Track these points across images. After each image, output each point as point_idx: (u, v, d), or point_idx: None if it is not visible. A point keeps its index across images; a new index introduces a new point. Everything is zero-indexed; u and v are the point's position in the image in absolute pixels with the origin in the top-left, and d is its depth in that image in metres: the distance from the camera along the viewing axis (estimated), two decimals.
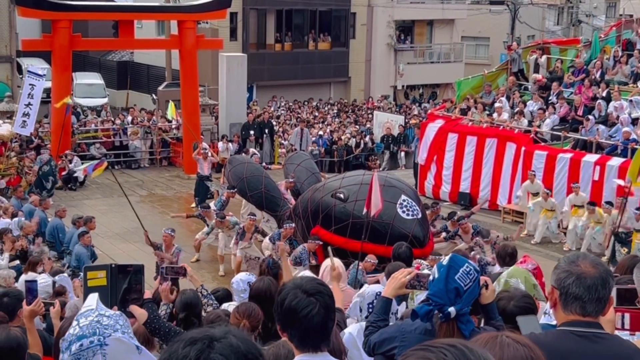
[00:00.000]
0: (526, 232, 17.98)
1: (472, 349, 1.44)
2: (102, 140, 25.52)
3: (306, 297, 2.90)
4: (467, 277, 3.46)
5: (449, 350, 1.41)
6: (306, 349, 2.91)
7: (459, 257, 3.54)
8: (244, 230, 14.71)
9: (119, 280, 2.94)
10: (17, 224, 14.63)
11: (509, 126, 20.32)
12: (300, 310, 2.88)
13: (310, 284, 2.97)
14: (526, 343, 2.03)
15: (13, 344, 4.55)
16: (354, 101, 38.02)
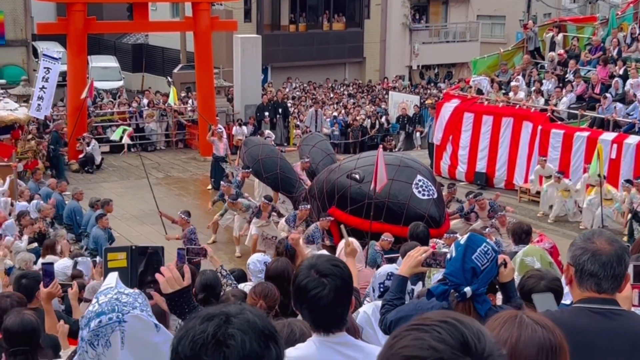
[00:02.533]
0: (542, 213, 17.92)
1: (463, 321, 1.44)
2: (118, 123, 25.58)
3: (318, 277, 2.88)
4: (485, 257, 3.45)
5: (441, 327, 1.41)
6: (318, 330, 2.92)
7: (477, 237, 3.53)
8: (259, 209, 14.79)
9: (139, 262, 2.97)
10: (35, 207, 14.75)
11: (525, 105, 20.19)
12: (310, 290, 2.87)
13: (324, 264, 2.94)
14: (546, 324, 2.02)
15: (27, 328, 4.58)
16: (369, 82, 37.88)
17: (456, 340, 1.39)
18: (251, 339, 1.76)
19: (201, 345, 1.75)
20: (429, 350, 1.36)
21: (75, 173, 22.08)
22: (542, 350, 1.95)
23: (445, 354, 1.36)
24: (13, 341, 4.57)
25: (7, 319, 4.68)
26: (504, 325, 2.02)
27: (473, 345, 1.39)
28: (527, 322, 2.01)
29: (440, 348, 1.37)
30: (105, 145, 24.40)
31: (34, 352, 4.56)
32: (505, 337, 1.98)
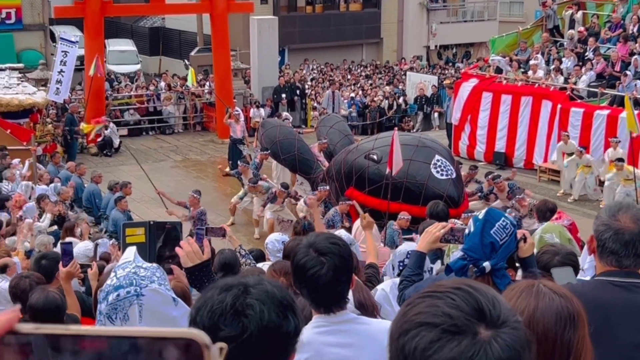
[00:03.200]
0: (563, 191, 17.81)
1: (478, 288, 1.42)
2: (136, 107, 25.68)
3: (316, 256, 2.84)
4: (504, 232, 3.41)
5: (455, 293, 1.39)
6: (318, 309, 2.89)
7: (496, 211, 3.49)
8: (275, 195, 14.82)
9: (158, 237, 2.97)
10: (54, 190, 14.84)
11: (545, 84, 20.03)
12: (308, 269, 2.82)
13: (323, 242, 2.89)
14: (563, 293, 2.00)
15: (52, 305, 4.61)
16: (387, 62, 37.70)
17: (470, 306, 1.37)
18: (270, 309, 1.75)
19: (219, 315, 1.74)
20: (443, 316, 1.35)
21: (94, 156, 22.19)
22: (560, 319, 1.93)
23: (459, 320, 1.34)
24: (38, 318, 4.60)
25: (32, 296, 4.71)
26: (521, 295, 2.00)
27: (488, 311, 1.37)
28: (544, 291, 1.99)
29: (454, 314, 1.35)
30: (123, 129, 24.50)
31: None
32: (523, 307, 1.97)
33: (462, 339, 1.32)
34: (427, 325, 1.34)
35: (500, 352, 1.33)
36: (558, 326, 1.93)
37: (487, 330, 1.35)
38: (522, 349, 1.38)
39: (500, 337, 1.35)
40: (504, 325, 1.37)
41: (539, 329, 1.93)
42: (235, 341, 1.72)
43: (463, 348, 1.31)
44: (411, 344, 1.34)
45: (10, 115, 18.97)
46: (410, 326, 1.35)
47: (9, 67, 22.72)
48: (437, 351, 1.31)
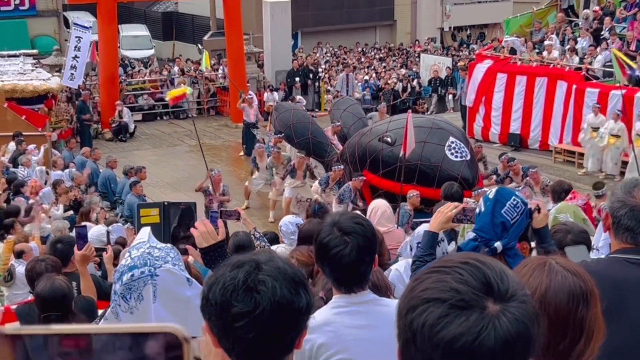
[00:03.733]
0: (585, 171, 17.70)
1: (485, 262, 1.41)
2: (150, 92, 25.73)
3: (340, 235, 2.82)
4: (514, 211, 3.40)
5: (463, 268, 1.38)
6: (339, 289, 2.88)
7: (506, 190, 3.48)
8: (294, 167, 14.82)
9: (172, 218, 2.98)
10: (69, 175, 14.93)
11: (560, 64, 19.87)
12: (332, 248, 2.81)
13: (347, 222, 2.88)
14: (576, 271, 1.98)
15: (57, 294, 4.60)
16: (400, 45, 37.51)
17: (478, 281, 1.36)
18: (281, 285, 1.76)
19: (232, 291, 1.75)
20: (451, 291, 1.34)
21: (109, 142, 22.28)
22: (572, 297, 1.92)
23: (467, 295, 1.34)
24: (45, 307, 4.61)
25: (38, 285, 4.72)
26: (533, 273, 1.99)
27: (496, 285, 1.36)
28: (556, 269, 1.97)
29: (461, 289, 1.34)
30: (138, 114, 24.57)
31: (66, 317, 4.59)
32: (535, 285, 1.96)
33: (470, 314, 1.32)
34: (435, 301, 1.33)
35: (509, 326, 1.33)
36: (571, 304, 1.92)
37: (496, 305, 1.34)
38: (531, 322, 1.37)
39: (508, 311, 1.34)
40: (512, 299, 1.36)
41: (551, 307, 1.92)
42: (247, 317, 1.73)
43: (471, 323, 1.31)
44: (419, 320, 1.33)
45: (25, 101, 19.08)
46: (418, 302, 1.35)
47: (23, 53, 22.81)
48: (445, 327, 1.31)
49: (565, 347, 1.90)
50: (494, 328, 1.31)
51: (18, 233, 10.15)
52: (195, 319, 2.09)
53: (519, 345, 1.34)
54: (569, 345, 1.90)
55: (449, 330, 1.30)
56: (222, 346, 1.80)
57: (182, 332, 0.88)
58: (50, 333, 0.88)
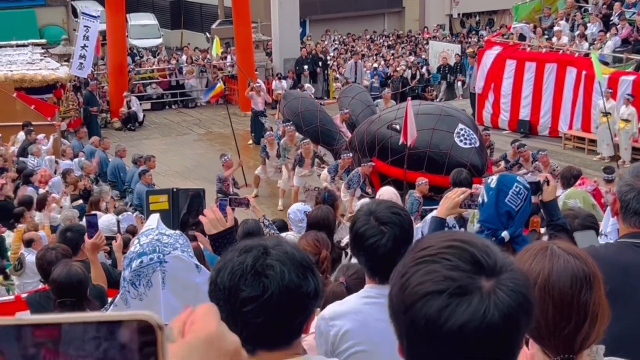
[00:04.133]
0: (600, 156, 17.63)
1: (468, 240, 1.39)
2: (158, 80, 25.74)
3: (377, 225, 2.80)
4: (518, 198, 3.38)
5: (449, 252, 1.36)
6: (373, 278, 2.85)
7: (507, 178, 3.45)
8: (301, 156, 14.81)
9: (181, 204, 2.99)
10: (78, 164, 14.97)
11: (569, 50, 19.77)
12: (367, 238, 2.78)
13: (384, 212, 2.84)
14: (578, 255, 1.98)
15: (74, 280, 4.63)
16: (409, 32, 37.36)
17: (467, 262, 1.35)
18: (289, 269, 1.77)
19: (240, 276, 1.76)
20: (445, 281, 1.32)
21: (117, 131, 22.32)
22: (575, 281, 1.92)
23: (462, 280, 1.32)
24: (61, 292, 4.64)
25: (55, 270, 4.75)
26: (535, 258, 1.98)
27: (484, 262, 1.36)
28: (558, 253, 1.97)
29: (455, 276, 1.33)
30: (147, 103, 24.59)
31: (81, 303, 4.63)
32: (537, 270, 1.96)
33: (470, 298, 1.31)
34: (432, 294, 1.32)
35: (507, 299, 1.33)
36: (574, 288, 1.92)
37: (489, 281, 1.34)
38: (527, 289, 1.38)
39: (502, 284, 1.34)
40: (502, 271, 1.36)
41: (555, 291, 1.92)
42: (255, 301, 1.74)
43: (474, 307, 1.30)
44: (421, 315, 1.32)
45: (33, 91, 19.13)
46: (415, 298, 1.33)
47: (31, 43, 22.86)
48: (449, 318, 1.30)
49: (570, 331, 1.90)
50: (496, 305, 1.31)
51: (28, 222, 10.20)
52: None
53: (521, 314, 1.34)
54: (574, 328, 1.90)
55: (455, 320, 1.30)
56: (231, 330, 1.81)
57: (156, 320, 0.88)
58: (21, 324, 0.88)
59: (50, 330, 0.88)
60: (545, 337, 1.94)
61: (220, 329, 1.10)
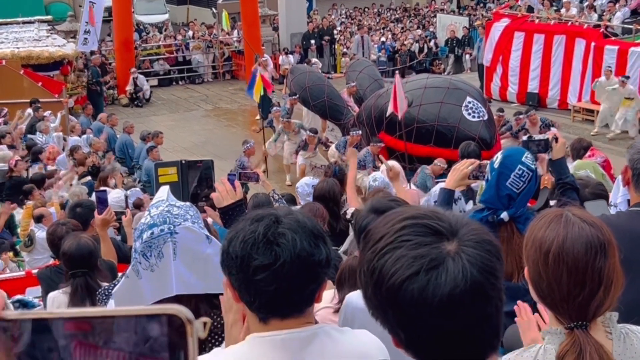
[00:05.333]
0: (597, 130, 17.56)
1: (416, 214, 1.37)
2: (165, 57, 25.68)
3: (377, 217, 2.82)
4: (520, 181, 3.34)
5: (406, 233, 1.34)
6: None
7: (511, 159, 3.39)
8: (306, 142, 14.83)
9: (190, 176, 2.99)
10: (87, 141, 14.99)
11: (578, 21, 19.60)
12: None
13: (382, 202, 2.90)
14: (593, 222, 1.98)
15: (84, 251, 4.68)
16: (416, 5, 37.12)
17: (427, 235, 1.35)
18: (301, 237, 1.77)
19: (252, 244, 1.76)
20: (416, 260, 1.32)
21: (125, 107, 22.32)
22: (590, 248, 1.92)
23: (430, 254, 1.32)
24: (72, 264, 4.69)
25: (65, 243, 4.79)
26: (550, 225, 1.98)
27: (441, 227, 1.36)
28: (573, 220, 1.97)
29: (423, 252, 1.32)
30: (153, 79, 24.56)
31: (92, 274, 4.68)
32: (552, 237, 1.95)
33: (445, 266, 1.31)
34: (409, 278, 1.31)
35: (476, 251, 1.34)
36: (589, 255, 1.91)
37: (451, 243, 1.34)
38: (487, 234, 1.38)
39: (464, 240, 1.35)
40: (459, 229, 1.36)
41: (569, 258, 1.92)
42: (268, 270, 1.74)
43: (453, 273, 1.31)
44: (407, 303, 1.31)
45: (40, 68, 19.10)
46: (394, 289, 1.32)
47: (37, 20, 22.80)
48: (435, 292, 1.30)
49: (584, 298, 1.90)
50: (470, 262, 1.32)
51: (37, 199, 10.24)
52: (215, 276, 2.11)
53: (494, 260, 1.35)
54: (588, 295, 1.90)
55: (442, 291, 1.30)
56: (243, 300, 1.81)
57: (185, 313, 0.88)
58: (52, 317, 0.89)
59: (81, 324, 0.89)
60: (559, 304, 1.93)
61: None
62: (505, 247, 3.36)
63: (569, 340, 1.90)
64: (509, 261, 3.34)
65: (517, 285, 3.29)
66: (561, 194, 3.75)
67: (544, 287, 1.96)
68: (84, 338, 0.88)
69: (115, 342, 0.88)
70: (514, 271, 3.33)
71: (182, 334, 0.89)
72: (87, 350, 0.88)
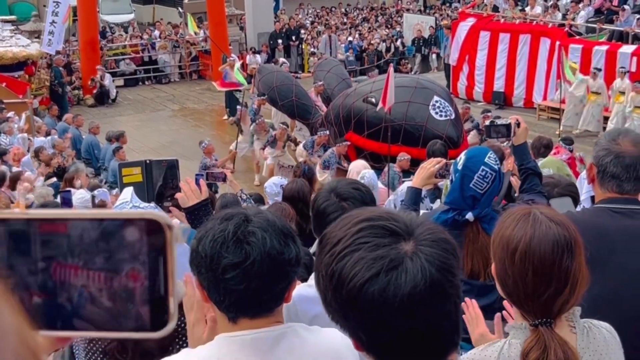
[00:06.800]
0: (562, 129, 17.75)
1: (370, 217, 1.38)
2: (131, 56, 25.48)
3: (337, 201, 2.80)
4: (483, 181, 3.36)
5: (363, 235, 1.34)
6: None
7: (473, 161, 3.41)
8: (275, 138, 14.79)
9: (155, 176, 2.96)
10: (51, 142, 14.81)
11: (543, 21, 19.81)
12: (329, 214, 2.78)
13: (345, 187, 2.85)
14: (560, 220, 1.99)
15: None
16: (383, 4, 37.24)
17: (384, 236, 1.35)
18: (271, 236, 1.77)
19: (222, 243, 1.76)
20: (375, 262, 1.31)
21: (91, 108, 22.09)
22: (557, 247, 1.93)
23: (389, 254, 1.32)
24: None
25: None
26: (518, 224, 1.99)
27: (397, 228, 1.36)
28: (540, 219, 1.98)
29: (381, 253, 1.32)
30: (119, 79, 24.35)
31: None
32: (520, 236, 1.97)
33: (404, 266, 1.31)
34: (369, 280, 1.31)
35: (433, 250, 1.34)
36: (555, 254, 1.93)
37: (408, 243, 1.35)
38: (442, 232, 1.39)
39: (421, 239, 1.35)
40: (415, 228, 1.37)
41: (536, 257, 1.94)
42: (238, 268, 1.74)
43: (412, 272, 1.31)
44: (369, 305, 1.31)
45: (4, 69, 18.85)
46: (355, 292, 1.31)
47: (1, 20, 22.49)
48: (396, 292, 1.30)
49: (549, 296, 1.92)
50: (428, 260, 1.32)
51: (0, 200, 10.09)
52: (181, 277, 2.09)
53: (451, 258, 1.36)
54: (554, 294, 1.92)
55: (402, 291, 1.30)
56: (212, 299, 1.80)
57: (164, 219, 0.87)
58: (29, 217, 0.87)
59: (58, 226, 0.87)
60: (524, 301, 1.95)
61: None
62: (471, 246, 3.39)
63: (533, 337, 1.92)
64: (475, 260, 3.36)
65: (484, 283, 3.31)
66: (524, 180, 3.80)
67: (510, 284, 1.97)
68: (63, 259, 0.87)
69: (95, 261, 0.87)
70: (480, 270, 3.35)
71: (161, 239, 0.88)
72: (68, 272, 0.87)
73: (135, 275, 0.87)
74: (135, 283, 0.87)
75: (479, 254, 3.34)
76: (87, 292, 0.87)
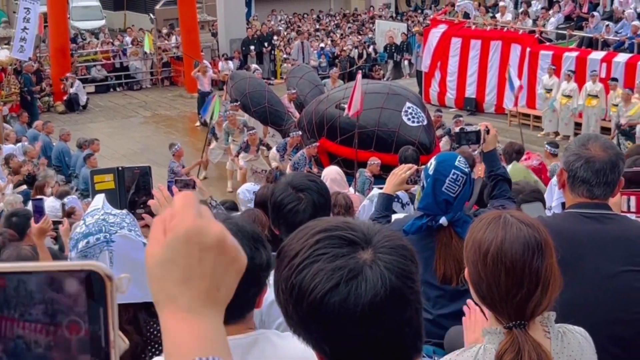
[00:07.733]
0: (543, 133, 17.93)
1: (328, 227, 1.38)
2: (102, 63, 25.30)
3: (294, 192, 2.84)
4: (455, 185, 3.40)
5: (321, 247, 1.34)
6: None
7: (444, 165, 3.44)
8: (247, 143, 14.78)
9: (127, 183, 2.94)
10: (21, 149, 14.66)
11: (513, 27, 20.00)
12: (286, 204, 2.82)
13: (301, 179, 2.91)
14: (530, 223, 2.02)
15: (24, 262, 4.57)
16: (355, 10, 37.36)
17: (342, 246, 1.34)
18: (242, 241, 1.73)
19: None
20: (335, 272, 1.31)
21: (61, 114, 21.89)
22: (527, 248, 1.96)
23: (348, 264, 1.31)
24: None
25: (4, 253, 4.67)
26: (489, 227, 2.01)
27: (354, 237, 1.36)
28: (511, 221, 2.01)
29: (340, 264, 1.32)
30: (90, 86, 24.16)
31: None
32: (491, 238, 1.99)
33: (364, 275, 1.31)
34: (330, 291, 1.30)
35: (391, 257, 1.34)
36: (526, 255, 1.95)
37: (367, 251, 1.34)
38: (399, 239, 1.39)
39: (379, 247, 1.35)
40: (372, 236, 1.37)
41: (507, 258, 1.96)
42: None
43: (372, 281, 1.30)
44: (331, 315, 1.30)
45: None
46: (316, 304, 1.31)
47: None
48: (357, 302, 1.29)
49: (522, 298, 1.93)
50: (387, 268, 1.32)
51: None
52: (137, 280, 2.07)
53: (410, 264, 1.36)
54: (526, 295, 1.93)
55: (363, 300, 1.29)
56: None
57: (104, 270, 0.86)
58: None
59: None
60: (498, 304, 1.96)
61: (199, 222, 1.05)
62: (444, 251, 3.40)
63: (507, 339, 1.93)
64: (447, 265, 3.37)
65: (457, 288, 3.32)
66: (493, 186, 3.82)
67: (484, 288, 1.99)
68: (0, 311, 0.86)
69: (32, 313, 0.86)
70: (452, 275, 3.36)
71: (101, 290, 0.86)
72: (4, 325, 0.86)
73: (74, 326, 0.86)
74: (74, 334, 0.86)
75: (451, 259, 3.36)
76: (24, 343, 0.86)
